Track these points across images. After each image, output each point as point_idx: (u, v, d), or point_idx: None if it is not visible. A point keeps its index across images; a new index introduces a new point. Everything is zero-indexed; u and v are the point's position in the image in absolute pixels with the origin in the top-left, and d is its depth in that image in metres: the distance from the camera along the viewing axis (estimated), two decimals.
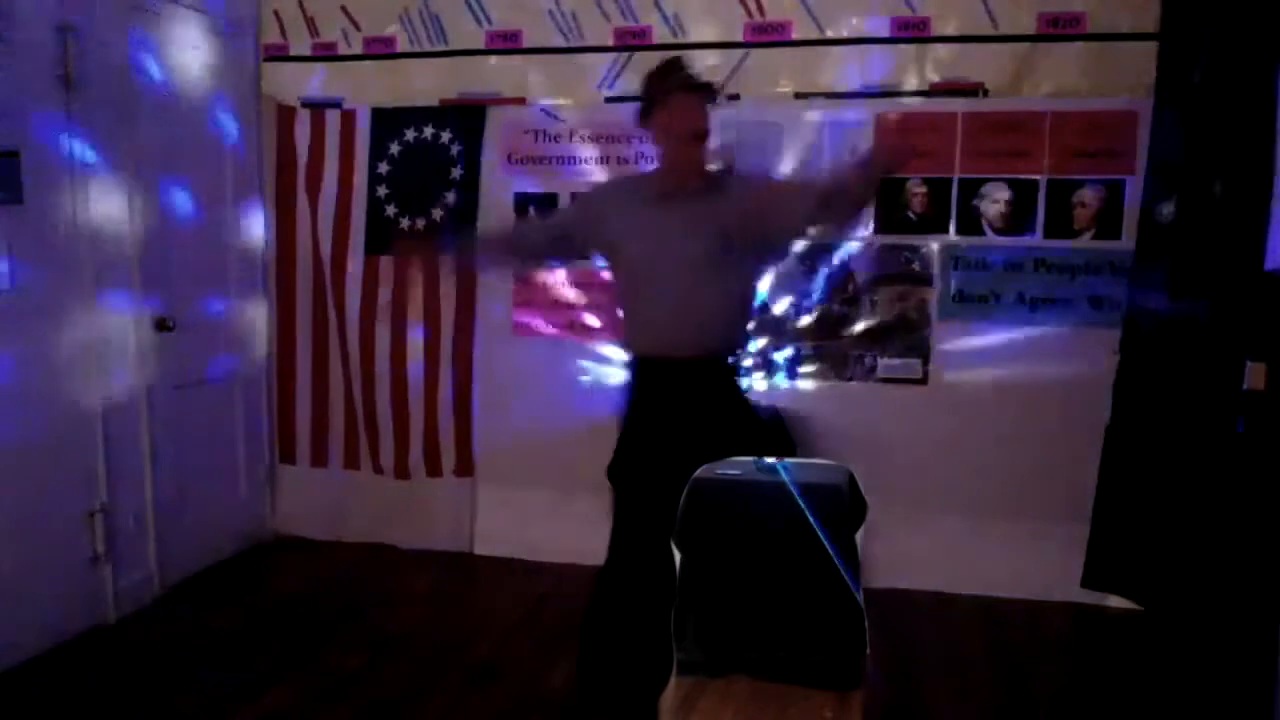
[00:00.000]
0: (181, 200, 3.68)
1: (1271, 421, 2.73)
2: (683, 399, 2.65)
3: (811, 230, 3.36)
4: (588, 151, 3.83)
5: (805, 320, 3.73)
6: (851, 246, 3.68)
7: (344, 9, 3.98)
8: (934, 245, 3.60)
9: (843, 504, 2.09)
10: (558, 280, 3.92)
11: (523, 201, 3.92)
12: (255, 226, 4.11)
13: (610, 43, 3.76)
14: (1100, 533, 3.35)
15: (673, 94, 2.63)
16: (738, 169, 3.55)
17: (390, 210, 4.01)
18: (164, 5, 3.55)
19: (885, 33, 3.54)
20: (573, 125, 3.83)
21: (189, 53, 3.71)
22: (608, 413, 3.53)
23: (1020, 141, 3.48)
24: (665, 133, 2.64)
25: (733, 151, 3.66)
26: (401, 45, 3.95)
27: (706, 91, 2.69)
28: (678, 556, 2.14)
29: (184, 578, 3.73)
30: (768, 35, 3.63)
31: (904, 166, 3.31)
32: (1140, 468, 3.20)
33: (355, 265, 4.06)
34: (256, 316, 4.15)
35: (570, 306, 3.92)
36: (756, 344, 3.73)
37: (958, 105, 3.51)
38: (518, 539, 4.01)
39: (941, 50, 3.52)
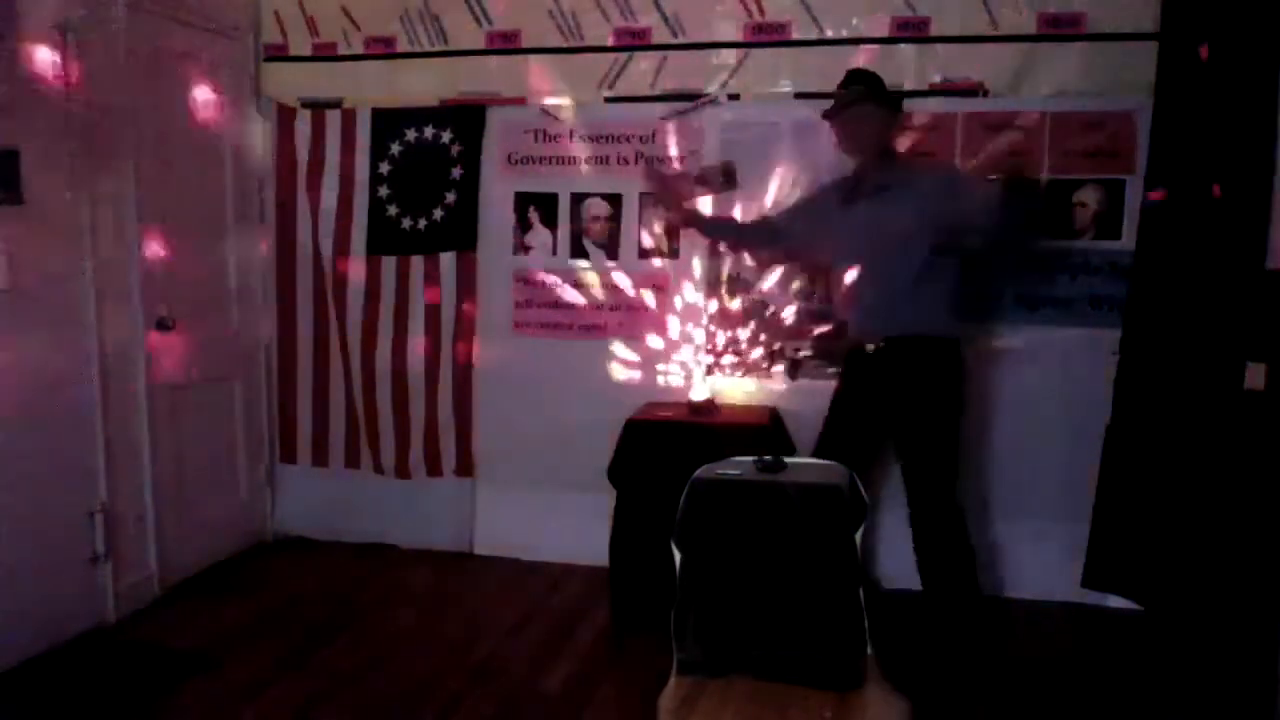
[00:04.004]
0: (182, 200, 3.68)
1: (1271, 421, 2.73)
2: (870, 384, 3.00)
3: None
4: (588, 151, 3.83)
5: (806, 320, 3.72)
6: None
7: (344, 9, 3.97)
8: None
9: (843, 504, 2.09)
10: (558, 280, 3.92)
11: (523, 201, 3.92)
12: (255, 226, 4.11)
13: (610, 43, 3.76)
14: (1100, 533, 3.34)
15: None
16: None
17: (392, 210, 4.01)
18: (164, 4, 3.55)
19: (885, 33, 3.54)
20: (573, 125, 3.83)
21: (189, 52, 3.71)
22: (607, 413, 3.54)
23: (1020, 141, 3.48)
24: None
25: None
26: (401, 45, 3.95)
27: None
28: (678, 556, 2.14)
29: (184, 578, 3.73)
30: (768, 35, 3.62)
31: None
32: (1140, 468, 3.20)
33: (356, 265, 4.06)
34: (257, 316, 4.15)
35: (570, 306, 3.92)
36: (754, 345, 3.74)
37: (958, 105, 3.51)
38: (518, 539, 4.01)
39: (941, 50, 3.52)
